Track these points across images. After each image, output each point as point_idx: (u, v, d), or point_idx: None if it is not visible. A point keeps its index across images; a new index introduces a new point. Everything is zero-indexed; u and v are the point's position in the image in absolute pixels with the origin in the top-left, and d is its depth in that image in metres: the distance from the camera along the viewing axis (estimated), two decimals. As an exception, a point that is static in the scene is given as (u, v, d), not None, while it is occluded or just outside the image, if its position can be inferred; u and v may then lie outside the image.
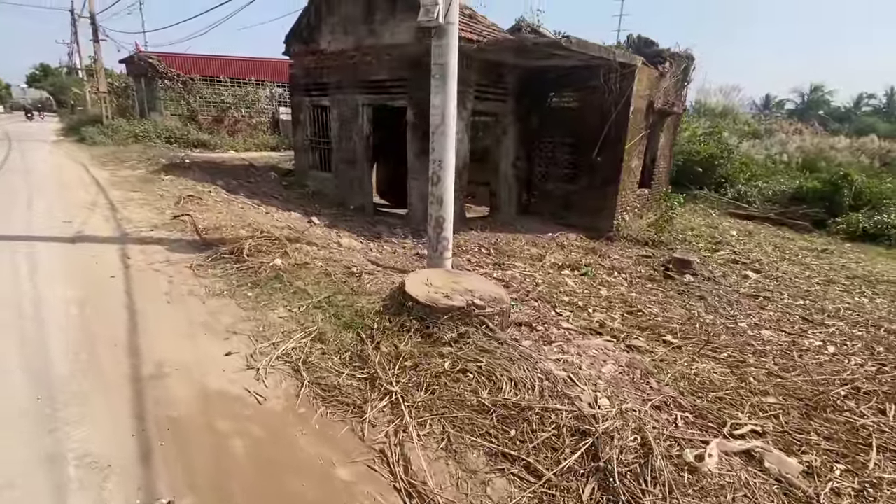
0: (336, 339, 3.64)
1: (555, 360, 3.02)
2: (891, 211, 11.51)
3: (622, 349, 3.49)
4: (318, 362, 3.37)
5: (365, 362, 3.29)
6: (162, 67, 18.73)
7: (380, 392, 3.04)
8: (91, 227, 6.79)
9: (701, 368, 3.25)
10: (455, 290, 3.59)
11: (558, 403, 2.51)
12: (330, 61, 9.57)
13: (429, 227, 4.81)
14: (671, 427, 2.44)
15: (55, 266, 5.34)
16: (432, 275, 3.99)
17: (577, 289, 5.82)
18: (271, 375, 3.31)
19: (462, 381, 2.98)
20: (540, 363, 2.82)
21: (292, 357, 3.46)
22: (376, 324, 3.63)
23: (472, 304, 3.29)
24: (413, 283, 3.80)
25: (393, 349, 3.30)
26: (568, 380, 2.66)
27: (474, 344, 3.20)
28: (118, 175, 10.73)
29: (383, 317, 3.69)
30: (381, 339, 3.43)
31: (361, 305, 4.03)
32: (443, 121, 4.50)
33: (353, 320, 3.86)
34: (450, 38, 4.23)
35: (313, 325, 3.86)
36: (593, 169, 9.36)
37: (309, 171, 11.00)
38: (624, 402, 2.58)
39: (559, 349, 3.25)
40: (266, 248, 5.06)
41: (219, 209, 7.28)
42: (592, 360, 3.10)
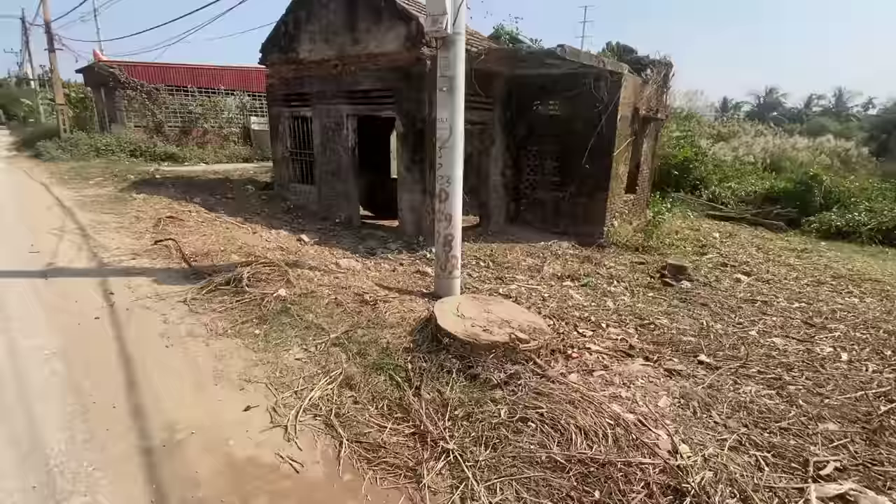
0: (367, 383, 3.26)
1: (608, 395, 2.83)
2: (860, 209, 12.02)
3: (662, 374, 3.35)
4: (353, 414, 2.99)
5: (408, 412, 2.94)
6: (124, 77, 17.82)
7: (434, 450, 2.67)
8: (63, 257, 6.10)
9: (748, 392, 3.13)
10: (490, 320, 3.35)
11: (639, 455, 2.30)
12: (311, 71, 9.25)
13: (437, 245, 4.59)
14: (758, 472, 2.29)
15: (27, 308, 4.68)
16: (461, 303, 3.72)
17: (584, 302, 5.70)
18: (302, 433, 2.90)
19: (524, 431, 2.67)
20: (604, 405, 2.60)
21: (322, 409, 3.06)
22: (410, 364, 3.31)
23: (515, 338, 3.07)
24: (444, 315, 3.50)
25: (437, 395, 2.97)
26: (639, 423, 2.47)
27: (527, 386, 2.91)
28: (84, 194, 9.94)
29: (415, 355, 3.38)
30: (421, 383, 3.10)
31: (387, 341, 3.69)
32: (451, 135, 4.30)
33: (381, 360, 3.49)
34: (458, 49, 4.05)
35: (336, 366, 3.48)
36: (582, 176, 9.35)
37: (289, 184, 10.59)
38: (703, 447, 2.39)
39: (602, 379, 3.06)
40: (266, 275, 4.66)
41: (203, 231, 6.80)
42: (644, 392, 2.93)
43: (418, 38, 7.32)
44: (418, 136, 7.75)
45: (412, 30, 7.36)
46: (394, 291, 4.78)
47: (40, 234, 7.01)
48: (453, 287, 4.67)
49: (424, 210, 8.04)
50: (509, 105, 9.56)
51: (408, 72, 7.61)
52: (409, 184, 8.10)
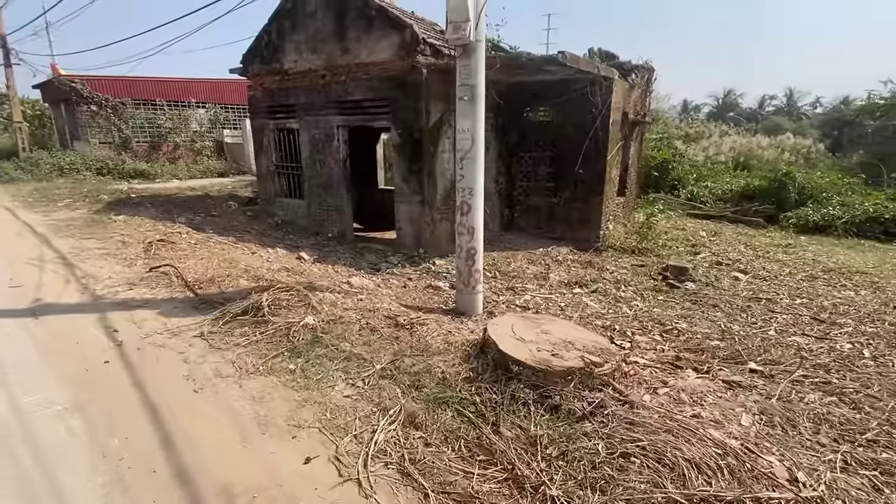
0: (433, 421, 2.92)
1: (690, 417, 2.69)
2: (833, 204, 12.54)
3: (723, 386, 3.27)
4: (430, 459, 2.64)
5: (492, 453, 2.63)
6: (87, 91, 16.93)
7: (535, 497, 2.36)
8: (50, 291, 5.45)
9: (815, 401, 3.07)
10: (552, 342, 3.13)
11: (763, 487, 2.13)
12: (296, 81, 8.96)
13: (458, 260, 4.42)
14: (879, 495, 2.19)
15: (22, 353, 4.06)
16: (514, 323, 3.50)
17: (601, 309, 5.64)
18: (378, 486, 2.55)
19: (630, 469, 2.40)
20: (702, 431, 2.42)
21: (391, 455, 2.71)
22: (477, 396, 3.01)
23: (590, 362, 2.89)
24: (502, 339, 3.25)
25: (520, 432, 2.68)
26: (745, 450, 2.34)
27: (616, 415, 2.66)
28: (55, 218, 9.23)
29: (479, 386, 3.09)
30: (497, 418, 2.81)
31: (441, 370, 3.37)
32: (473, 145, 4.16)
33: (442, 393, 3.17)
34: (479, 57, 3.92)
35: (393, 402, 3.13)
36: (576, 181, 9.37)
37: (276, 199, 10.22)
38: (816, 471, 2.27)
39: (669, 398, 2.93)
40: (286, 301, 4.32)
41: (199, 253, 6.36)
42: (721, 410, 2.83)
43: (413, 46, 7.18)
44: (416, 146, 7.58)
45: (406, 38, 7.21)
46: (414, 310, 4.56)
47: (17, 264, 6.32)
48: (476, 302, 4.51)
49: (423, 221, 7.87)
50: (501, 113, 9.51)
51: (402, 81, 7.45)
52: (407, 195, 7.90)
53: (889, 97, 26.99)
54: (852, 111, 33.21)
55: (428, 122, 7.46)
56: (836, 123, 35.81)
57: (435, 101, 7.53)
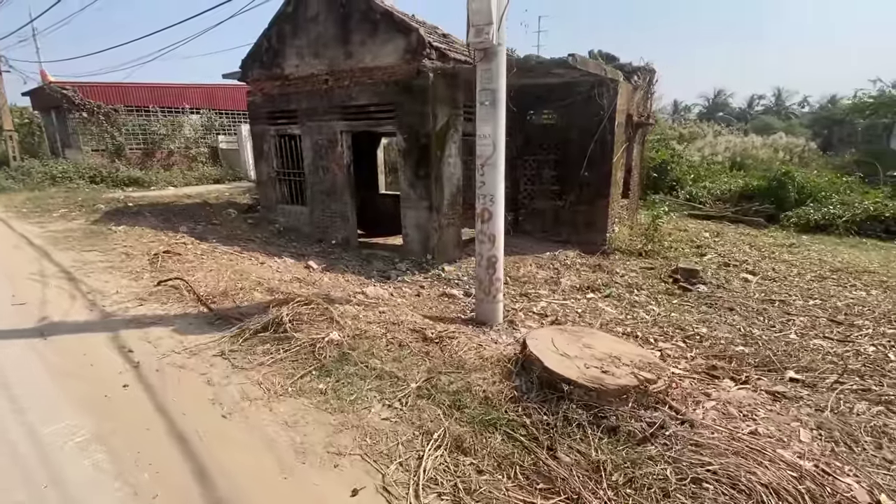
0: (483, 445, 2.72)
1: (747, 433, 2.59)
2: (834, 202, 12.59)
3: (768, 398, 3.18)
4: (486, 488, 2.45)
5: (552, 481, 2.46)
6: (79, 98, 16.64)
7: None
8: (56, 308, 5.13)
9: (865, 412, 2.99)
10: (597, 357, 3.00)
11: None
12: (298, 86, 8.83)
13: (478, 268, 4.31)
14: None
15: (33, 378, 3.77)
16: (553, 337, 3.35)
17: (619, 315, 5.56)
18: None
19: (704, 497, 2.23)
20: (770, 451, 2.31)
21: (443, 483, 2.52)
22: (526, 418, 2.84)
23: (643, 379, 2.77)
24: (545, 354, 3.10)
25: (579, 457, 2.52)
26: (820, 472, 2.23)
27: (679, 436, 2.50)
28: (52, 229, 8.91)
29: (526, 406, 2.92)
30: (552, 441, 2.64)
31: (482, 389, 3.17)
32: (494, 151, 4.06)
33: (487, 414, 2.97)
34: (500, 60, 3.83)
35: (435, 425, 2.94)
36: (581, 184, 9.33)
37: (277, 205, 10.06)
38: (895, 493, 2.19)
39: (717, 412, 2.82)
40: (307, 316, 4.14)
41: (206, 265, 6.18)
42: (777, 426, 2.73)
43: (419, 50, 7.09)
44: (422, 152, 7.48)
45: (412, 42, 7.12)
46: (434, 321, 4.43)
47: (18, 280, 6.04)
48: (497, 312, 4.40)
49: (431, 227, 7.76)
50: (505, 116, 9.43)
51: (408, 85, 7.35)
52: (414, 200, 7.79)
53: (877, 95, 27.36)
54: (842, 110, 33.57)
55: (435, 126, 7.36)
56: (826, 122, 36.22)
57: (441, 106, 7.43)
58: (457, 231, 8.43)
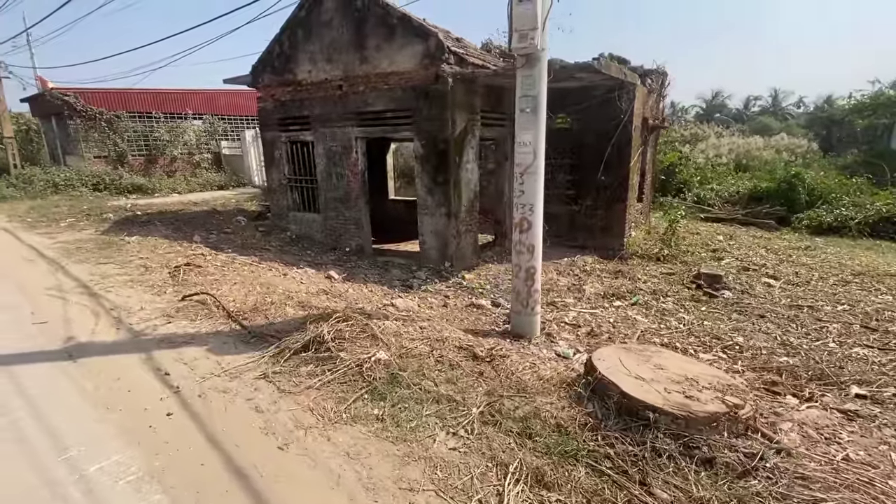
0: (566, 479, 2.50)
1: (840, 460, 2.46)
2: (846, 204, 12.54)
3: (842, 418, 3.06)
4: None
5: None
6: (80, 105, 16.45)
7: None
8: (81, 327, 4.83)
9: None
10: (673, 379, 2.84)
11: None
12: (311, 92, 8.70)
13: (516, 280, 4.19)
14: None
15: (68, 406, 3.48)
16: (621, 357, 3.22)
17: (651, 324, 5.44)
18: None
19: None
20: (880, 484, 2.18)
21: None
22: (609, 448, 2.63)
23: (732, 405, 2.62)
24: (619, 377, 2.95)
25: (678, 493, 2.31)
26: None
27: (779, 469, 2.32)
28: (62, 240, 8.62)
29: (607, 435, 2.72)
30: (643, 475, 2.43)
31: (552, 415, 2.96)
32: (534, 160, 3.94)
33: (565, 444, 2.76)
34: (542, 66, 3.72)
35: (509, 456, 2.70)
36: (597, 188, 9.23)
37: (289, 213, 9.92)
38: None
39: (798, 435, 2.70)
40: (348, 333, 3.93)
41: (230, 277, 6.02)
42: (866, 450, 2.59)
43: (438, 55, 6.98)
44: (441, 158, 7.36)
45: (431, 46, 7.01)
46: (470, 334, 4.29)
47: (36, 296, 5.78)
48: (534, 324, 4.28)
49: (449, 234, 7.63)
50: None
51: (426, 90, 7.24)
52: (432, 207, 7.67)
53: (873, 96, 27.42)
54: (841, 110, 33.64)
55: (453, 132, 7.25)
56: (825, 123, 36.32)
57: (460, 111, 7.33)
58: (474, 237, 8.32)
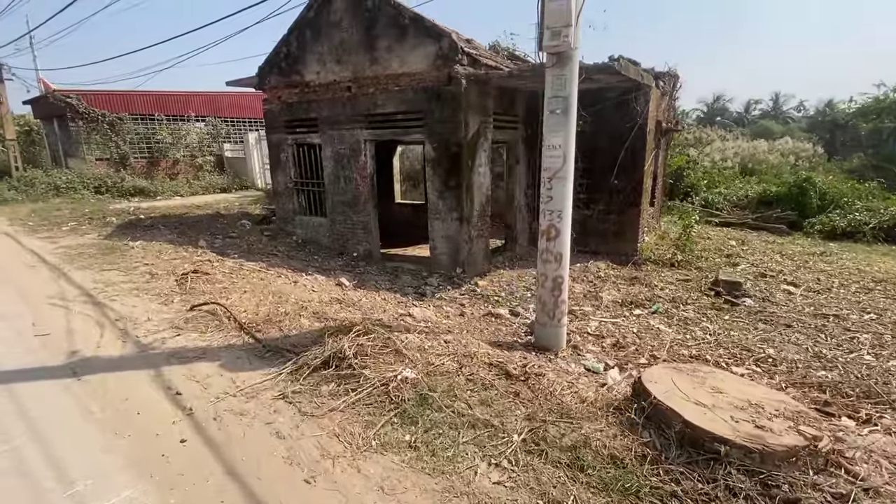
0: None
1: None
2: (859, 209, 12.34)
3: None
4: None
5: None
6: (83, 107, 16.29)
7: None
8: (85, 340, 4.53)
9: None
10: (735, 405, 2.63)
11: None
12: (318, 94, 8.52)
13: (542, 290, 3.99)
14: None
15: (75, 432, 3.18)
16: (674, 379, 2.99)
17: (676, 334, 5.24)
18: None
19: None
20: None
21: None
22: (675, 485, 2.37)
23: (811, 437, 2.39)
24: (675, 401, 2.72)
25: None
26: None
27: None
28: (64, 245, 8.36)
29: (669, 469, 2.47)
30: None
31: (604, 445, 2.68)
32: (564, 164, 3.75)
33: (625, 479, 2.49)
34: (574, 66, 3.53)
35: (560, 492, 2.44)
36: (610, 192, 9.04)
37: (295, 216, 9.72)
38: None
39: (871, 465, 2.48)
40: (370, 347, 3.64)
41: (239, 285, 5.79)
42: None
43: (451, 55, 6.80)
44: (453, 161, 7.18)
45: (444, 47, 6.84)
46: (494, 346, 4.07)
47: (37, 305, 5.49)
48: (560, 337, 4.07)
49: (461, 239, 7.44)
50: (530, 123, 9.17)
51: (438, 92, 7.06)
52: (443, 212, 7.47)
53: (875, 99, 27.28)
54: (845, 114, 33.48)
55: (466, 135, 7.06)
56: (828, 126, 36.16)
57: (473, 114, 7.15)
58: (485, 243, 8.12)
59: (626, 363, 4.09)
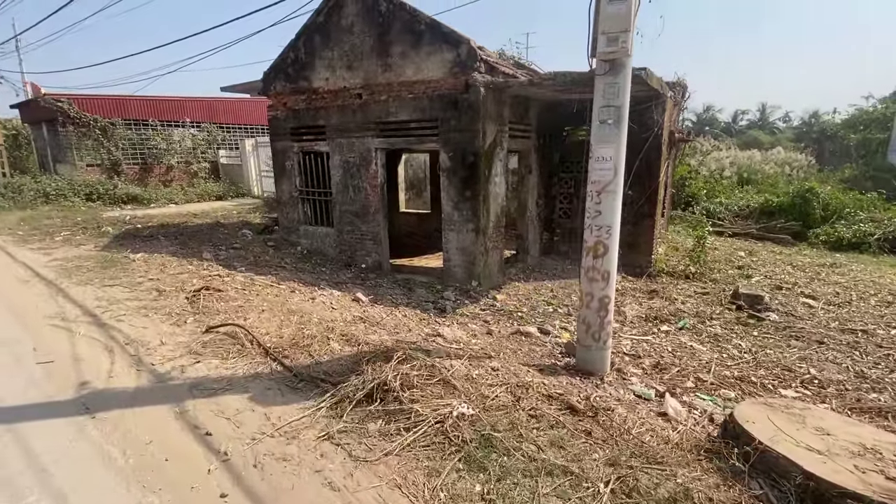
0: None
1: None
2: (863, 219, 12.37)
3: None
4: None
5: None
6: (74, 111, 15.81)
7: None
8: (94, 369, 4.03)
9: None
10: (851, 450, 2.41)
11: None
12: (328, 101, 8.28)
13: (586, 310, 3.76)
14: None
15: (97, 488, 2.71)
16: (773, 418, 2.76)
17: (711, 352, 5.04)
18: None
19: None
20: None
21: None
22: None
23: None
24: (787, 448, 2.47)
25: None
26: None
27: None
28: (59, 257, 7.82)
29: None
30: None
31: (708, 498, 2.34)
32: (615, 177, 3.55)
33: None
34: (627, 73, 3.34)
35: None
36: (624, 203, 8.85)
37: (299, 226, 9.41)
38: None
39: None
40: (415, 377, 3.26)
41: (255, 303, 5.40)
42: None
43: (470, 62, 6.62)
44: (470, 171, 6.97)
45: (462, 54, 6.65)
46: (535, 371, 3.80)
47: (37, 327, 4.97)
48: (606, 360, 3.83)
49: (477, 251, 7.21)
50: (542, 132, 9.03)
51: (455, 100, 6.86)
52: (458, 222, 7.25)
53: (867, 111, 27.80)
54: (834, 125, 34.06)
55: (483, 144, 6.86)
56: (816, 137, 36.77)
57: (490, 122, 6.96)
58: (500, 254, 7.91)
59: (673, 387, 3.87)
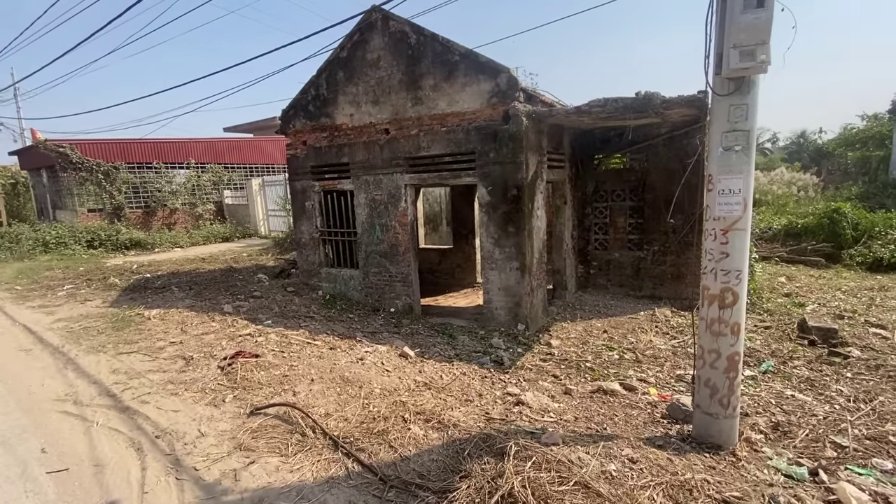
0: None
1: None
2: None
3: None
4: None
5: None
6: (77, 156, 15.42)
7: None
8: (121, 478, 3.15)
9: None
10: None
11: None
12: (352, 138, 7.86)
13: (710, 370, 3.13)
14: None
15: None
16: None
17: (824, 405, 4.41)
18: None
19: None
20: None
21: None
22: None
23: None
24: None
25: None
26: None
27: None
28: (63, 316, 7.00)
29: None
30: None
31: None
32: (744, 212, 3.02)
33: None
34: (756, 92, 2.87)
35: None
36: (665, 232, 8.40)
37: (320, 269, 8.83)
38: None
39: None
40: (546, 482, 2.47)
41: (300, 370, 4.59)
42: None
43: (510, 93, 6.23)
44: (512, 205, 6.48)
45: (502, 84, 6.27)
46: (656, 450, 3.13)
47: (43, 415, 4.08)
48: (733, 430, 3.14)
49: (523, 292, 6.64)
50: (575, 161, 8.63)
51: (493, 131, 6.45)
52: (501, 261, 6.70)
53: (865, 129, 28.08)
54: (831, 143, 34.38)
55: (526, 176, 6.40)
56: (812, 156, 37.08)
57: (531, 153, 6.53)
58: (544, 293, 7.33)
59: (816, 459, 3.23)
